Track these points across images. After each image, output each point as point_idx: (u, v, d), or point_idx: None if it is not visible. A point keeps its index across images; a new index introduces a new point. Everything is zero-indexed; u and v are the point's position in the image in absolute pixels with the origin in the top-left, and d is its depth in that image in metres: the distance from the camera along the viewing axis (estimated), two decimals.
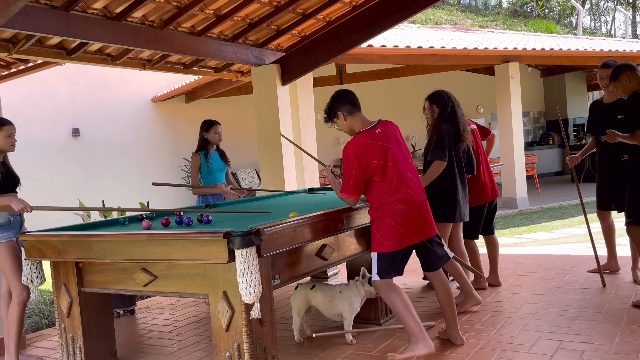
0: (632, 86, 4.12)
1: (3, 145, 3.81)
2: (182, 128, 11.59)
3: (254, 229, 2.75)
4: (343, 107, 3.52)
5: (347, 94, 3.56)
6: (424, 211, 3.45)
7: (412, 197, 3.40)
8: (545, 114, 17.07)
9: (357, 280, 3.82)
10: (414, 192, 3.41)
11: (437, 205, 4.19)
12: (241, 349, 2.84)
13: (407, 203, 3.37)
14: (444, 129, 4.22)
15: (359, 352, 3.63)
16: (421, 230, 3.43)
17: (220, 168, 5.18)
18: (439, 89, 4.44)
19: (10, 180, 3.85)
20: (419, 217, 3.41)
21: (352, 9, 6.24)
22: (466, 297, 4.23)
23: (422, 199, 3.46)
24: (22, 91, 9.67)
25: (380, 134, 3.44)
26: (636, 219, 4.17)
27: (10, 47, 5.11)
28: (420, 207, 3.43)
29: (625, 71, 4.13)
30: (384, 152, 3.38)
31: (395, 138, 3.49)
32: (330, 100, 3.59)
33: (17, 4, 2.86)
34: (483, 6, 34.66)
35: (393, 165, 3.38)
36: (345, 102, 3.52)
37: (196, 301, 5.23)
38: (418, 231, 3.42)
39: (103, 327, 3.65)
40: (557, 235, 7.64)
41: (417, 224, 3.41)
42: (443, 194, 4.26)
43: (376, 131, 3.44)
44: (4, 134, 3.80)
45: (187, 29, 5.63)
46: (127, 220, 3.96)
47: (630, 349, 3.32)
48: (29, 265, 3.52)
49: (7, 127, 3.83)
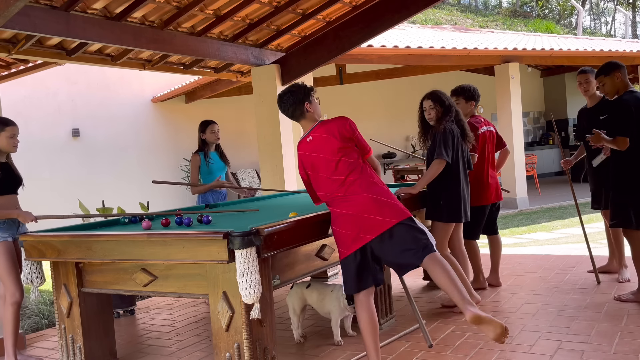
0: (619, 86, 4.18)
1: (5, 145, 3.80)
2: (182, 128, 11.59)
3: (253, 229, 2.75)
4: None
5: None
6: (369, 207, 3.11)
7: (349, 198, 3.14)
8: (545, 114, 17.06)
9: None
10: (350, 193, 3.15)
11: (443, 205, 4.19)
12: (241, 349, 2.85)
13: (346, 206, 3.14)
14: (449, 129, 4.18)
15: (358, 352, 3.63)
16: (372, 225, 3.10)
17: (220, 168, 5.19)
18: (434, 89, 4.40)
19: (12, 180, 3.85)
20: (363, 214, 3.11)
21: (352, 9, 6.24)
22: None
23: (361, 197, 3.14)
24: (22, 91, 9.67)
25: (311, 142, 3.25)
26: (620, 221, 4.21)
27: (10, 47, 5.11)
28: (363, 203, 3.12)
29: (619, 69, 4.18)
30: (310, 163, 3.24)
31: (326, 141, 3.20)
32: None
33: (17, 4, 2.86)
34: (483, 6, 34.66)
35: (319, 175, 3.21)
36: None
37: (196, 301, 5.23)
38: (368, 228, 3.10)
39: (103, 327, 3.65)
40: (557, 235, 7.64)
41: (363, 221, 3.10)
42: (448, 193, 4.24)
43: (307, 139, 3.27)
44: (6, 135, 3.79)
45: (187, 29, 5.64)
46: (128, 220, 3.95)
47: (630, 349, 3.32)
48: (29, 266, 3.52)
49: (10, 127, 3.82)
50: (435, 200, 4.26)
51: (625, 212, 4.13)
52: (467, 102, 4.82)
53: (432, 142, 4.28)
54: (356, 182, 3.16)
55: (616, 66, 4.20)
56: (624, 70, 4.22)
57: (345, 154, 3.20)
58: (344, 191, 3.16)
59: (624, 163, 4.11)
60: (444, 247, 4.24)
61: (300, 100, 3.28)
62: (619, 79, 4.18)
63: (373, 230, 3.08)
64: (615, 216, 4.23)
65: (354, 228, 3.11)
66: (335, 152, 3.19)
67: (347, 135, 3.22)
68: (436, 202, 4.26)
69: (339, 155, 3.19)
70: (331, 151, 3.20)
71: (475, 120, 4.83)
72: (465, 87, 4.88)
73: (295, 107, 3.29)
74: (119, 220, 3.98)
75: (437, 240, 4.15)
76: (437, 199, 4.25)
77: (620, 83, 4.19)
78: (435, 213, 4.28)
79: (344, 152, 3.20)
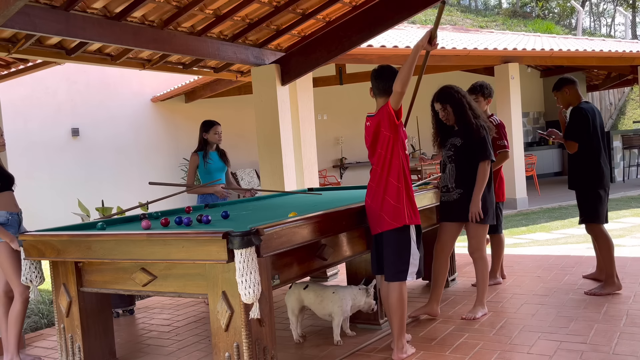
0: (570, 99, 4.66)
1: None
2: (181, 128, 11.59)
3: (253, 229, 2.75)
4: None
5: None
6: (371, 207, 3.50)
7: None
8: (544, 115, 17.06)
9: (360, 289, 3.83)
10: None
11: (482, 206, 4.05)
12: (240, 349, 2.84)
13: None
14: (484, 126, 4.04)
15: (358, 352, 3.63)
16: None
17: (219, 168, 5.17)
18: (441, 86, 4.25)
19: (6, 178, 3.87)
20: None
21: (352, 9, 6.24)
22: (475, 305, 4.22)
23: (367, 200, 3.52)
24: (21, 91, 9.67)
25: (366, 128, 3.54)
26: (585, 218, 4.58)
27: (10, 46, 5.11)
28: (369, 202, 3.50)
29: (567, 85, 4.66)
30: None
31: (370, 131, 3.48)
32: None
33: (16, 4, 2.86)
34: (483, 7, 34.67)
35: None
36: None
37: (195, 301, 5.22)
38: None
39: (102, 327, 3.64)
40: (556, 235, 7.64)
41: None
42: (489, 193, 4.14)
43: (366, 124, 3.54)
44: None
45: (186, 28, 5.63)
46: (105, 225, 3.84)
47: (629, 349, 3.32)
48: (28, 265, 3.52)
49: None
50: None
51: (589, 208, 4.50)
52: (485, 100, 4.80)
53: (464, 142, 4.06)
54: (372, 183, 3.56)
55: (565, 81, 4.68)
56: (573, 85, 4.66)
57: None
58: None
59: (580, 163, 4.53)
60: (484, 250, 4.20)
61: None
62: (568, 93, 4.65)
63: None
64: (581, 213, 4.61)
65: None
66: (376, 141, 3.54)
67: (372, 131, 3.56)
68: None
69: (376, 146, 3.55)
70: (374, 139, 3.55)
71: (492, 118, 4.80)
72: (484, 84, 4.87)
73: (390, 84, 3.35)
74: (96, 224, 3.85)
75: (479, 243, 4.16)
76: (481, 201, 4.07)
77: (570, 96, 4.64)
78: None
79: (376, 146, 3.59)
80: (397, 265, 3.40)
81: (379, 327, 4.04)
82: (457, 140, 4.07)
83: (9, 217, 3.78)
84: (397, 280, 3.40)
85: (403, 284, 3.42)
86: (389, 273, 3.44)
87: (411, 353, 3.47)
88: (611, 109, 19.89)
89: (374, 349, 3.67)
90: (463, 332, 3.83)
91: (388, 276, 3.45)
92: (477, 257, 4.20)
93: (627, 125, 18.94)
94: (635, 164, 14.26)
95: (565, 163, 15.50)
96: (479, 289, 4.22)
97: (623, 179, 13.82)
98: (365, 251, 3.93)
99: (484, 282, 4.19)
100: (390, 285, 3.44)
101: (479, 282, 4.22)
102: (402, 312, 3.42)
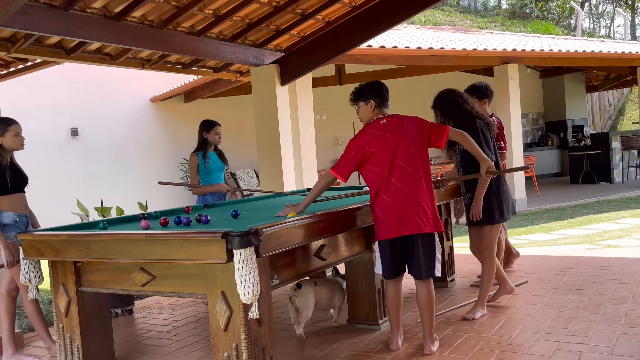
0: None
1: (12, 144, 3.86)
2: (181, 128, 11.59)
3: (252, 229, 2.75)
4: (379, 97, 3.61)
5: (386, 89, 3.68)
6: (413, 204, 3.43)
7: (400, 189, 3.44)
8: (544, 115, 17.08)
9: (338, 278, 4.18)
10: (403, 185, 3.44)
11: (495, 205, 4.07)
12: (239, 349, 2.84)
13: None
14: (479, 127, 4.09)
15: (357, 352, 3.63)
16: (409, 222, 3.42)
17: (218, 167, 5.19)
18: (438, 92, 4.31)
19: (20, 179, 3.92)
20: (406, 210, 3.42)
21: (351, 10, 6.24)
22: (499, 287, 4.29)
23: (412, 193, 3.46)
24: (20, 90, 9.66)
25: (385, 125, 3.50)
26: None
27: (9, 46, 5.10)
28: (410, 199, 3.43)
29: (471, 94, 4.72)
30: (383, 141, 3.45)
31: (403, 129, 3.48)
32: (371, 86, 3.66)
33: (16, 3, 2.86)
34: (482, 7, 34.67)
35: (388, 156, 3.43)
36: (383, 94, 3.63)
37: (194, 301, 5.22)
38: (405, 223, 3.42)
39: (101, 326, 3.64)
40: (555, 236, 7.64)
41: (404, 215, 3.42)
42: (497, 192, 4.12)
43: (381, 122, 3.52)
44: (11, 134, 3.84)
45: (186, 28, 5.63)
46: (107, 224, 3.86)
47: (628, 350, 3.32)
48: (27, 265, 3.52)
49: (12, 126, 3.87)
50: (485, 204, 4.06)
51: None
52: (480, 101, 4.79)
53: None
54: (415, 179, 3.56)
55: (471, 90, 4.75)
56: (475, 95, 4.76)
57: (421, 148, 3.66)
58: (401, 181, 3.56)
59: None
60: (494, 250, 4.21)
61: None
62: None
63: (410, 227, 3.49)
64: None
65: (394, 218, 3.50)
66: (418, 142, 3.61)
67: (412, 132, 3.60)
68: (487, 205, 4.06)
69: (419, 147, 3.62)
70: (416, 139, 3.61)
71: (491, 119, 4.80)
72: (477, 85, 4.84)
73: None
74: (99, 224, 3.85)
75: (490, 243, 4.16)
76: (488, 201, 4.06)
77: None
78: (487, 217, 4.09)
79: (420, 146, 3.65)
80: (428, 262, 3.49)
81: (378, 327, 4.04)
82: (461, 145, 4.05)
83: (16, 219, 3.81)
84: (430, 276, 3.51)
85: (432, 280, 3.57)
86: (421, 271, 3.48)
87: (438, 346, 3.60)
88: (610, 109, 19.92)
89: (372, 349, 3.67)
90: (462, 332, 3.83)
91: (420, 274, 3.49)
92: (485, 257, 4.20)
93: (626, 126, 18.97)
94: (634, 165, 14.27)
95: (565, 163, 15.56)
96: (481, 289, 4.21)
97: (622, 180, 13.83)
98: (364, 251, 3.93)
99: (487, 283, 4.18)
100: (424, 283, 3.52)
101: (482, 282, 4.22)
102: (434, 307, 3.56)
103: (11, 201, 3.83)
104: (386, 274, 3.55)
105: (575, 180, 14.12)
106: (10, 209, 3.81)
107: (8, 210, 3.81)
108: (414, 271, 3.51)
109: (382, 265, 3.54)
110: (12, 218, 3.78)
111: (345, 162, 3.50)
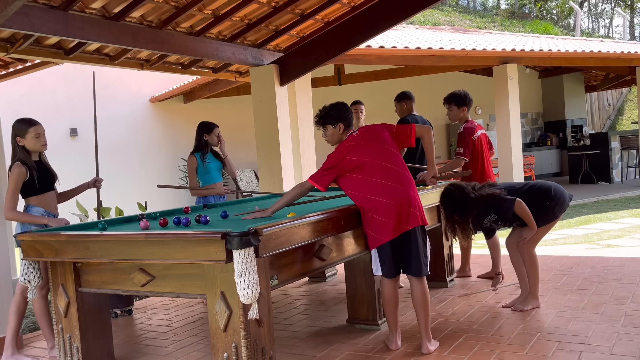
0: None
1: (32, 145, 3.91)
2: (180, 128, 11.58)
3: (252, 229, 2.75)
4: (346, 120, 3.68)
5: (351, 110, 3.75)
6: (408, 199, 3.50)
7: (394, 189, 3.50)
8: (543, 115, 17.08)
9: None
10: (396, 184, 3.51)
11: (551, 203, 4.13)
12: (239, 350, 2.84)
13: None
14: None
15: (356, 352, 3.63)
16: (409, 217, 3.49)
17: (216, 167, 5.22)
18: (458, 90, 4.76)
19: (49, 177, 3.98)
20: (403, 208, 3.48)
21: (350, 10, 6.24)
22: (528, 297, 4.27)
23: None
24: (19, 91, 9.66)
25: (359, 135, 3.61)
26: None
27: (8, 46, 5.10)
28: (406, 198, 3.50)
29: (405, 99, 5.36)
30: (363, 149, 3.53)
31: (376, 134, 3.62)
32: (337, 109, 3.70)
33: (15, 4, 2.86)
34: (481, 7, 34.69)
35: (373, 161, 3.51)
36: (349, 117, 3.70)
37: (194, 301, 5.22)
38: (406, 218, 3.48)
39: (100, 327, 3.64)
40: (554, 236, 7.65)
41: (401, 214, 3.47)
42: (552, 191, 4.24)
43: (354, 134, 3.64)
44: (31, 135, 3.86)
45: (185, 29, 5.63)
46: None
47: (627, 350, 3.32)
48: (26, 265, 3.52)
49: (33, 127, 3.91)
50: (540, 205, 4.11)
51: None
52: (459, 109, 4.92)
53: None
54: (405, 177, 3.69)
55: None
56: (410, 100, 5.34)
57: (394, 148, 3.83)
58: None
59: None
60: (532, 244, 4.23)
61: None
62: (405, 106, 5.39)
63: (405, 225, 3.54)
64: None
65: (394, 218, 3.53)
66: (391, 144, 3.76)
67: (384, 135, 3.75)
68: (542, 206, 4.10)
69: (391, 147, 3.77)
70: (389, 142, 3.76)
71: (470, 125, 4.96)
72: (456, 93, 5.03)
73: None
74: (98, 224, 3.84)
75: (538, 239, 4.22)
76: (542, 201, 4.12)
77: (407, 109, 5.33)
78: (547, 216, 4.14)
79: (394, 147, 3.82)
80: (424, 259, 3.54)
81: (377, 327, 4.04)
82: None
83: (45, 215, 3.84)
84: (424, 274, 3.54)
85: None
86: (419, 268, 3.52)
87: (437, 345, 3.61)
88: (609, 109, 19.93)
89: (372, 349, 3.67)
90: (461, 332, 3.84)
91: (419, 271, 3.52)
92: (524, 252, 4.20)
93: (625, 126, 18.98)
94: (633, 165, 14.28)
95: (564, 163, 15.56)
96: (530, 282, 4.22)
97: (621, 180, 13.84)
98: (364, 251, 3.93)
99: (535, 275, 4.19)
100: (420, 281, 3.54)
101: (530, 276, 4.22)
102: (429, 304, 3.56)
103: (41, 201, 3.90)
104: (388, 273, 3.56)
105: (574, 180, 14.13)
106: (39, 205, 3.87)
107: (38, 206, 3.87)
108: (411, 269, 3.53)
109: (383, 266, 3.54)
110: (41, 213, 3.84)
111: (325, 172, 3.56)
